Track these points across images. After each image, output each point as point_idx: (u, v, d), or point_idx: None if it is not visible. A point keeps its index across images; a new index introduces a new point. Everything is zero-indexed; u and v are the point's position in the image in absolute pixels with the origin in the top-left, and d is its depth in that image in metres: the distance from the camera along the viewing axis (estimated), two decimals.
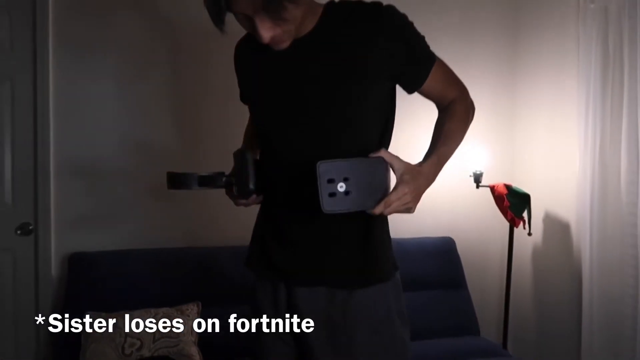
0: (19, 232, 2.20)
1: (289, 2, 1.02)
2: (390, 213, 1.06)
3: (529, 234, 2.40)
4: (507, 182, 2.44)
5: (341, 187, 1.00)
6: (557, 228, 2.50)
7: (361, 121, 1.13)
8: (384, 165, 1.07)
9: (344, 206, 1.02)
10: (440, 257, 2.49)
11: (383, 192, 1.05)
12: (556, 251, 2.49)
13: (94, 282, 2.12)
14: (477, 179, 2.45)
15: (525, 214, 2.40)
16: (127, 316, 1.94)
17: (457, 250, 2.53)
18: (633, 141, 2.06)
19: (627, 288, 2.11)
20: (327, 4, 1.16)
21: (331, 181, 1.00)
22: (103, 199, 2.28)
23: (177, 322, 1.96)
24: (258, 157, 1.30)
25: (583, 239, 2.24)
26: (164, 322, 1.95)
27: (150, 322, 1.94)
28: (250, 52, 1.23)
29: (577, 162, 2.29)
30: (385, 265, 1.19)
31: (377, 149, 1.12)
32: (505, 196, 2.39)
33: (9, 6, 2.19)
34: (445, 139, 1.16)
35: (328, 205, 1.01)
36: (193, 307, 2.06)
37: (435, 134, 1.19)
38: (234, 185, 1.23)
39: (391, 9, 1.12)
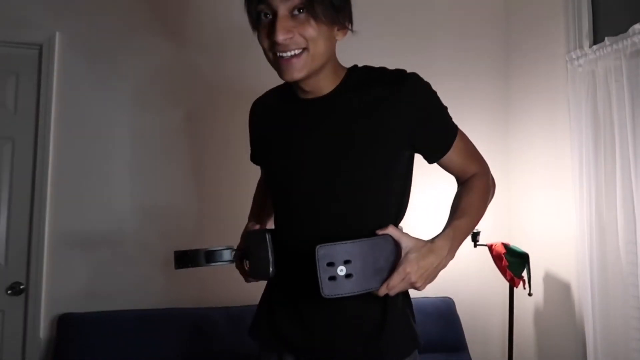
0: (9, 292, 2.17)
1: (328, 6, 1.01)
2: (395, 293, 1.04)
3: (530, 294, 2.35)
4: (505, 241, 2.42)
5: (341, 270, 0.98)
6: (557, 288, 2.45)
7: (376, 189, 1.10)
8: (391, 243, 1.04)
9: (345, 290, 0.99)
10: (440, 318, 2.43)
11: (389, 271, 1.03)
12: (558, 312, 2.43)
13: (82, 343, 2.07)
14: (475, 237, 2.43)
15: (524, 274, 2.36)
16: None
17: (456, 311, 2.47)
18: (628, 200, 2.05)
19: (632, 352, 2.04)
20: (351, 68, 1.16)
21: (331, 264, 0.98)
22: (96, 259, 2.26)
23: None
24: (268, 225, 1.29)
25: (584, 299, 2.19)
26: None
27: None
28: (266, 111, 1.24)
29: (574, 221, 2.27)
30: (402, 345, 1.12)
31: (393, 219, 1.11)
32: (503, 255, 2.36)
33: (16, 69, 2.27)
34: (462, 212, 1.11)
35: (328, 290, 0.99)
36: None
37: (453, 208, 1.15)
38: (248, 264, 1.20)
39: (414, 76, 1.10)
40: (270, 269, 1.12)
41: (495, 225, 2.63)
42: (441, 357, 2.35)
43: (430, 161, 1.17)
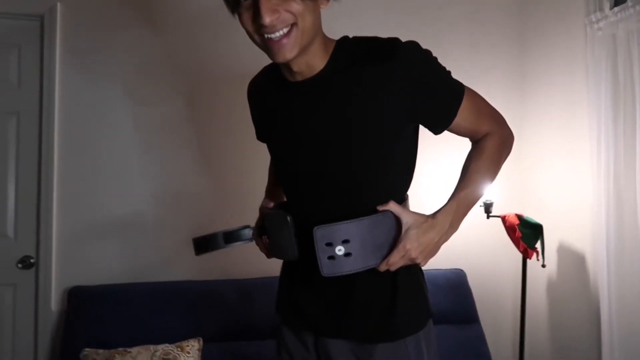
0: (20, 265, 2.17)
1: None
2: (395, 269, 1.03)
3: (543, 265, 2.31)
4: (519, 212, 2.37)
5: (340, 250, 1.00)
6: (572, 259, 2.40)
7: (378, 169, 1.06)
8: (392, 219, 1.03)
9: (344, 268, 1.01)
10: (451, 290, 2.40)
11: (390, 247, 1.03)
12: (572, 284, 2.39)
13: (93, 316, 2.07)
14: (488, 209, 2.38)
15: (538, 245, 2.31)
16: (125, 353, 1.89)
17: (468, 283, 2.44)
18: None
19: None
20: (340, 40, 1.08)
21: (329, 244, 1.00)
22: (106, 232, 2.25)
23: (177, 359, 1.90)
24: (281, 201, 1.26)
25: (600, 271, 2.14)
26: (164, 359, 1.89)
27: (150, 359, 1.88)
28: (260, 94, 1.20)
29: (590, 191, 2.21)
30: (415, 316, 1.10)
31: (397, 194, 1.08)
32: (517, 227, 2.31)
33: (18, 43, 2.23)
34: (469, 181, 1.08)
35: (327, 269, 1.01)
36: (194, 344, 1.99)
37: (461, 175, 1.11)
38: (268, 242, 1.19)
39: (408, 46, 1.01)
40: (296, 253, 1.10)
41: (509, 196, 2.57)
42: (452, 328, 2.33)
43: (435, 132, 1.10)
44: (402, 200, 1.10)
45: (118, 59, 2.28)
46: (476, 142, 1.14)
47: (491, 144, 1.12)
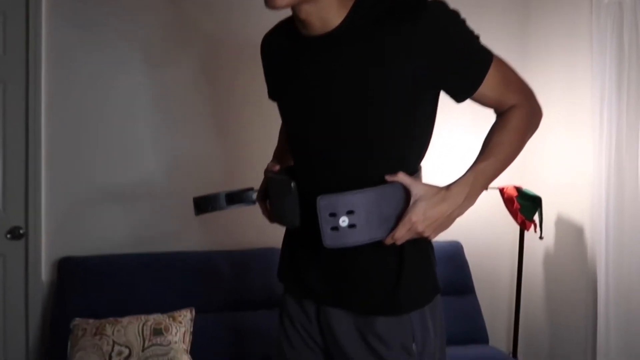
0: (9, 236, 2.13)
1: None
2: (401, 242, 0.99)
3: (541, 237, 2.28)
4: (517, 184, 2.33)
5: (343, 221, 0.95)
6: (570, 232, 2.38)
7: (393, 138, 1.00)
8: (401, 191, 0.98)
9: (347, 240, 0.97)
10: (448, 262, 2.38)
11: (397, 220, 0.98)
12: (569, 256, 2.37)
13: (84, 287, 2.04)
14: None
15: (536, 217, 2.28)
16: (115, 323, 1.87)
17: (464, 255, 2.42)
18: None
19: None
20: None
21: (333, 215, 0.96)
22: (96, 201, 2.21)
23: (169, 329, 1.88)
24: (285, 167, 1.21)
25: (598, 243, 2.12)
26: (155, 330, 1.87)
27: (140, 329, 1.86)
28: (273, 49, 1.13)
29: (591, 163, 2.17)
30: (421, 291, 1.05)
31: (412, 165, 1.03)
32: (515, 198, 2.28)
33: (2, 8, 2.14)
34: (490, 153, 1.01)
35: (329, 240, 0.97)
36: (186, 314, 1.97)
37: (482, 147, 1.03)
38: (272, 209, 1.14)
39: (436, 6, 0.94)
40: (297, 221, 1.06)
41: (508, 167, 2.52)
42: (449, 300, 2.30)
43: (458, 100, 1.03)
44: (415, 171, 1.05)
45: (109, 28, 2.19)
46: (501, 115, 1.06)
47: (517, 117, 1.04)
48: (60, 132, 2.16)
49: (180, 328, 1.91)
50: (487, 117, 1.11)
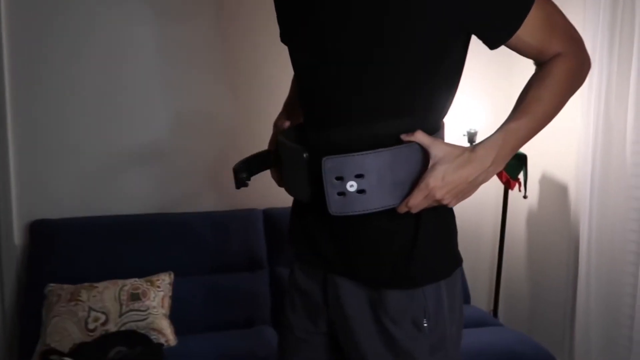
0: None
1: None
2: (417, 210, 0.88)
3: (525, 196, 2.26)
4: None
5: (351, 186, 0.85)
6: (554, 190, 2.35)
7: (416, 89, 0.88)
8: (419, 152, 0.87)
9: (355, 207, 0.88)
10: None
11: (413, 185, 0.88)
12: (553, 215, 2.36)
13: (58, 251, 1.98)
14: (472, 138, 2.28)
15: (521, 176, 2.25)
16: (91, 288, 1.82)
17: None
18: None
19: (627, 254, 1.99)
20: None
21: (340, 179, 0.86)
22: (69, 161, 2.11)
23: (147, 294, 1.84)
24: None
25: (582, 202, 2.09)
26: (132, 294, 1.82)
27: (117, 294, 1.81)
28: None
29: (579, 119, 2.12)
30: (438, 263, 0.95)
31: (434, 121, 0.91)
32: None
33: None
34: (524, 111, 0.88)
35: (335, 207, 0.88)
36: (165, 278, 1.93)
37: (516, 104, 0.91)
38: (283, 176, 1.05)
39: None
40: (308, 195, 0.97)
41: (494, 123, 2.45)
42: None
43: (492, 47, 0.89)
44: (437, 129, 0.93)
45: None
46: (542, 66, 0.91)
47: (562, 69, 0.89)
48: (28, 87, 2.03)
49: (158, 293, 1.87)
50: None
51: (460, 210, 2.66)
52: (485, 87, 2.45)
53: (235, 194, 2.27)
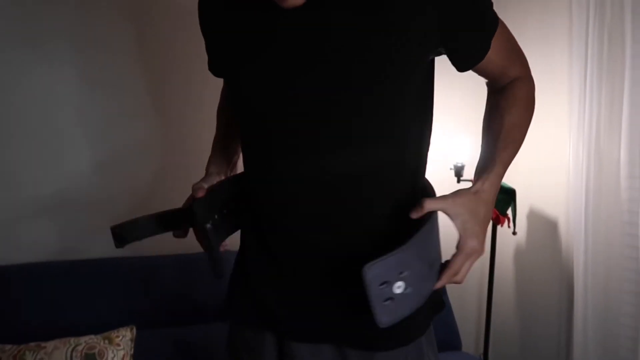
0: None
1: None
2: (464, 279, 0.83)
3: (514, 232, 2.15)
4: None
5: (399, 287, 0.75)
6: (543, 226, 2.26)
7: (396, 111, 0.82)
8: (435, 222, 0.79)
9: (405, 309, 0.78)
10: None
11: (439, 259, 0.81)
12: (543, 252, 2.25)
13: (6, 298, 1.72)
14: (459, 172, 2.17)
15: (509, 211, 2.14)
16: (38, 349, 1.57)
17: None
18: (635, 129, 1.81)
19: (624, 295, 1.90)
20: None
21: (385, 283, 0.75)
22: (16, 199, 1.86)
23: (104, 353, 1.60)
24: (236, 157, 1.00)
25: (576, 238, 2.00)
26: (87, 355, 1.58)
27: (69, 355, 1.57)
28: (229, 4, 0.86)
29: (568, 152, 2.04)
30: (424, 318, 0.90)
31: (416, 149, 0.86)
32: None
33: None
34: (506, 140, 0.87)
35: (386, 317, 0.76)
36: (125, 333, 1.69)
37: (492, 130, 0.88)
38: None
39: None
40: (217, 269, 0.87)
41: (477, 156, 2.37)
42: None
43: (461, 68, 0.86)
44: (422, 183, 0.90)
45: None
46: (503, 89, 0.90)
47: (525, 92, 0.90)
48: None
49: (118, 352, 1.62)
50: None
51: (448, 245, 2.51)
52: (468, 122, 2.35)
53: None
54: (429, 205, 0.78)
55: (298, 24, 0.78)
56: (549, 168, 2.20)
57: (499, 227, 2.22)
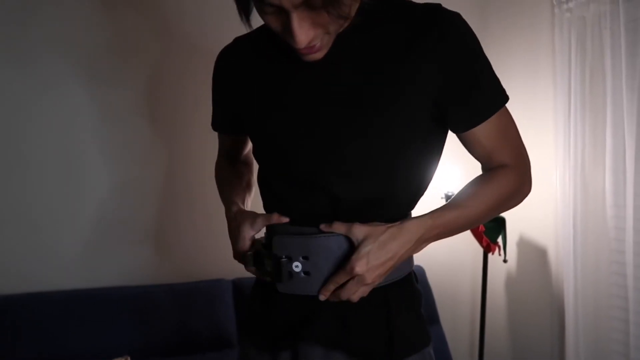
0: None
1: None
2: (346, 298, 0.83)
3: (505, 260, 2.19)
4: None
5: (297, 266, 0.86)
6: (533, 254, 2.30)
7: (400, 166, 0.88)
8: (344, 243, 0.85)
9: (299, 289, 0.88)
10: None
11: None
12: (533, 279, 2.29)
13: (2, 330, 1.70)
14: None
15: (500, 239, 2.19)
16: None
17: (427, 280, 2.28)
18: (620, 160, 1.88)
19: (613, 321, 1.93)
20: None
21: (288, 258, 0.87)
22: (12, 227, 1.86)
23: None
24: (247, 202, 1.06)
25: (565, 266, 2.04)
26: None
27: None
28: (244, 64, 0.94)
29: (555, 183, 2.10)
30: (421, 336, 0.94)
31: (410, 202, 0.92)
32: None
33: None
34: (458, 204, 0.86)
35: (282, 285, 0.89)
36: None
37: (455, 196, 0.91)
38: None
39: (451, 19, 0.82)
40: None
41: None
42: None
43: (457, 130, 0.89)
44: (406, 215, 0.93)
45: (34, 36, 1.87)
46: (488, 171, 0.92)
47: (506, 179, 0.89)
48: None
49: None
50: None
51: (439, 275, 2.54)
52: (460, 152, 2.42)
53: (197, 263, 2.09)
54: (335, 225, 0.84)
55: (310, 72, 0.86)
56: (538, 198, 2.25)
57: (490, 255, 2.26)
